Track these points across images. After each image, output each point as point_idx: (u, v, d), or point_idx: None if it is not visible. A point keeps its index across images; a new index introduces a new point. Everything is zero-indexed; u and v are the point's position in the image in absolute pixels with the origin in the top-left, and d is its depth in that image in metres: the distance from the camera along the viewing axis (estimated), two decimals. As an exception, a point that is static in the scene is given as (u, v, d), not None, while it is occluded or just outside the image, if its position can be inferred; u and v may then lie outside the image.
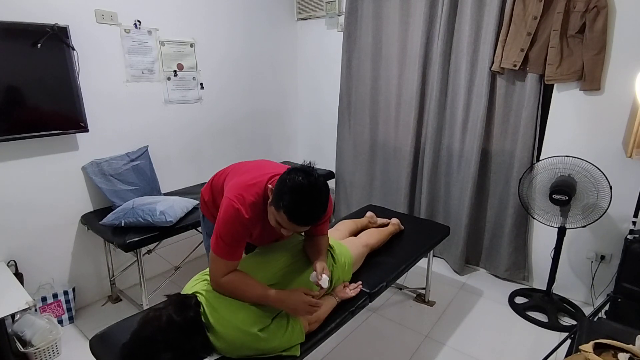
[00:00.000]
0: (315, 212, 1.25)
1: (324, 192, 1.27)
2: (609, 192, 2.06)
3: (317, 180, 1.25)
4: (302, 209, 1.22)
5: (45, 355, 1.99)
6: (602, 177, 2.06)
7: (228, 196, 1.35)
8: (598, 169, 2.06)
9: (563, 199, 2.11)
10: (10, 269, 2.05)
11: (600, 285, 2.42)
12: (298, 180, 1.23)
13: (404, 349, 2.11)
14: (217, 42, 2.97)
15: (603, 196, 2.08)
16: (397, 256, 2.05)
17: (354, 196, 3.43)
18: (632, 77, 2.07)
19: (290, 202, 1.21)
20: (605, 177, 2.05)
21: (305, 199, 1.22)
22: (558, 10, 2.19)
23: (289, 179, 1.24)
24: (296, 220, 1.23)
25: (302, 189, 1.22)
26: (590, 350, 1.14)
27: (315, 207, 1.25)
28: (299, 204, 1.22)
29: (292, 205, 1.22)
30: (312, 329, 1.46)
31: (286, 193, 1.22)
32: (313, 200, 1.24)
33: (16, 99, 2.00)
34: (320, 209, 1.26)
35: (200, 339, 1.25)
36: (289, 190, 1.22)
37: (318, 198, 1.25)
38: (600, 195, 2.09)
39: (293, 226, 1.26)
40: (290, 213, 1.22)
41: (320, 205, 1.26)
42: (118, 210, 2.19)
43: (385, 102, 3.08)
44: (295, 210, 1.22)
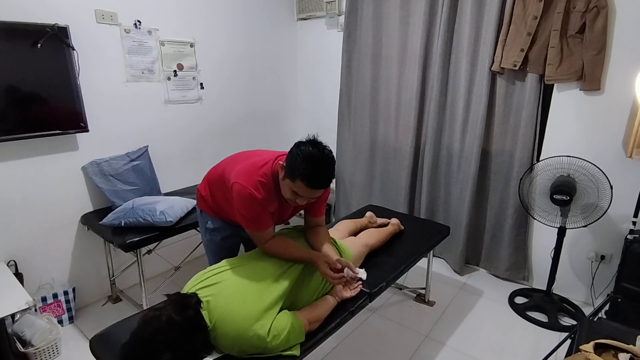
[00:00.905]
0: (328, 176, 1.43)
1: (331, 158, 1.44)
2: (609, 192, 2.06)
3: (325, 148, 1.44)
4: (317, 174, 1.38)
5: (45, 355, 1.99)
6: (602, 177, 2.06)
7: (238, 181, 1.48)
8: (598, 169, 2.06)
9: (564, 199, 2.11)
10: (10, 269, 2.05)
11: (600, 285, 2.42)
12: (309, 150, 1.40)
13: (404, 349, 2.11)
14: (217, 42, 2.97)
15: (603, 196, 2.08)
16: (397, 256, 2.05)
17: (353, 196, 3.43)
18: (632, 77, 2.07)
19: (305, 169, 1.37)
20: (605, 177, 2.05)
21: (318, 164, 1.39)
22: (558, 10, 2.19)
23: (300, 151, 1.40)
24: (313, 184, 1.38)
25: (314, 156, 1.39)
26: (591, 350, 1.14)
27: (329, 170, 1.43)
28: (314, 170, 1.37)
29: (309, 173, 1.37)
30: (312, 328, 1.46)
31: (300, 162, 1.37)
32: (325, 165, 1.41)
33: (16, 99, 2.00)
34: (332, 173, 1.44)
35: (201, 338, 1.25)
36: (302, 159, 1.37)
37: (329, 163, 1.43)
38: (601, 195, 2.09)
39: (310, 192, 1.40)
40: (308, 179, 1.37)
41: (332, 170, 1.44)
42: (118, 210, 2.19)
43: (385, 102, 3.08)
44: (312, 176, 1.37)
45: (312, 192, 1.42)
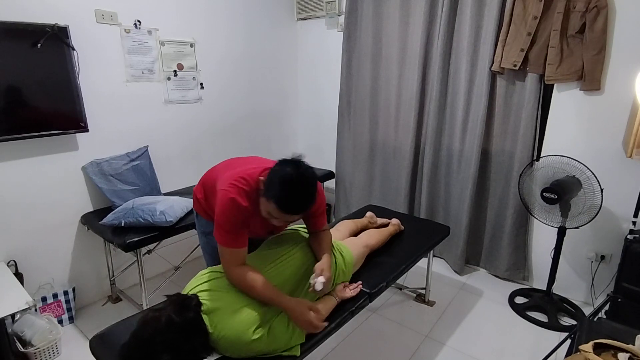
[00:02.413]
0: (303, 202, 1.31)
1: (311, 182, 1.31)
2: (599, 195, 2.06)
3: (306, 171, 1.31)
4: (290, 198, 1.28)
5: (45, 355, 1.99)
6: (593, 179, 2.06)
7: (222, 188, 1.39)
8: (589, 170, 2.07)
9: (552, 198, 2.12)
10: (10, 269, 2.05)
11: (600, 285, 2.42)
12: (287, 171, 1.29)
13: (404, 349, 2.11)
14: (217, 42, 2.97)
15: (592, 197, 2.09)
16: (397, 256, 2.05)
17: (353, 196, 3.43)
18: (632, 77, 2.07)
19: (279, 191, 1.27)
20: (595, 178, 2.05)
21: (293, 188, 1.27)
22: (558, 10, 2.19)
23: (278, 170, 1.30)
24: (285, 209, 1.29)
25: (291, 179, 1.27)
26: (590, 350, 1.14)
27: (303, 196, 1.30)
28: (287, 194, 1.27)
29: (281, 195, 1.27)
30: (312, 329, 1.45)
31: (276, 183, 1.28)
32: (301, 190, 1.29)
33: (16, 99, 2.00)
34: (308, 198, 1.32)
35: (200, 339, 1.25)
36: (278, 180, 1.28)
37: (306, 188, 1.30)
38: (588, 196, 2.10)
39: (283, 215, 1.31)
40: (280, 202, 1.27)
41: (308, 195, 1.31)
42: (118, 210, 2.19)
43: (385, 102, 3.08)
44: (284, 200, 1.28)
45: (284, 216, 1.30)
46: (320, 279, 1.42)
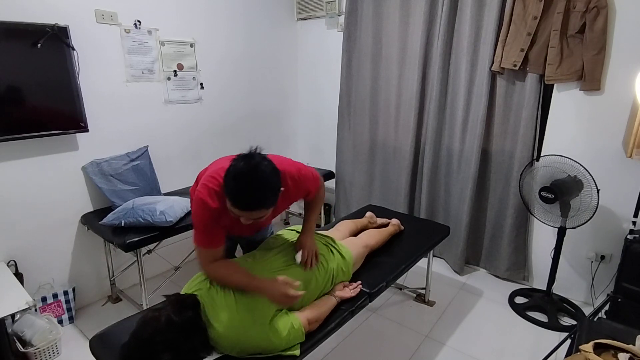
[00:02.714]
0: (256, 196, 1.24)
1: (264, 175, 1.24)
2: (596, 195, 2.06)
3: (258, 164, 1.25)
4: (242, 193, 1.23)
5: (45, 355, 1.99)
6: (590, 178, 2.07)
7: (197, 188, 1.41)
8: (585, 170, 2.07)
9: (549, 197, 2.13)
10: (10, 269, 2.05)
11: (600, 285, 2.42)
12: (239, 166, 1.24)
13: (404, 349, 2.11)
14: (217, 42, 2.97)
15: (591, 198, 2.09)
16: (397, 256, 2.05)
17: (353, 196, 3.43)
18: (632, 77, 2.07)
19: (232, 188, 1.24)
20: (592, 178, 2.06)
21: (244, 183, 1.22)
22: (558, 10, 2.19)
23: (232, 166, 1.25)
24: (239, 205, 1.24)
25: (241, 173, 1.23)
26: (590, 350, 1.14)
27: (255, 190, 1.23)
28: (239, 189, 1.23)
29: (234, 191, 1.24)
30: (312, 329, 1.46)
31: (229, 179, 1.24)
32: (252, 184, 1.22)
33: (16, 99, 2.00)
34: (262, 192, 1.25)
35: (200, 339, 1.25)
36: (231, 177, 1.24)
37: (257, 182, 1.23)
38: (586, 196, 2.10)
39: (241, 212, 1.26)
40: (233, 198, 1.24)
41: (261, 188, 1.24)
42: (118, 210, 2.19)
43: (385, 102, 3.08)
44: (237, 196, 1.24)
45: (242, 213, 1.26)
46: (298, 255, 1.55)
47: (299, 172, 1.50)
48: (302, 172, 1.51)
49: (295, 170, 1.48)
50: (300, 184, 1.50)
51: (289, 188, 1.43)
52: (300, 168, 1.52)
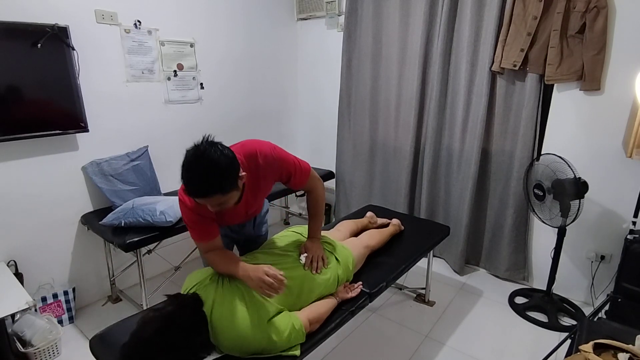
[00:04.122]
0: (204, 183, 1.23)
1: (211, 161, 1.23)
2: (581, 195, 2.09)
3: (205, 151, 1.23)
4: (191, 182, 1.24)
5: (45, 355, 1.99)
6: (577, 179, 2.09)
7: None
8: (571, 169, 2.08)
9: (539, 194, 2.17)
10: (10, 269, 2.06)
11: (600, 285, 2.42)
12: (188, 154, 1.25)
13: (404, 349, 2.11)
14: (217, 42, 2.97)
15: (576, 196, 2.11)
16: (397, 256, 2.05)
17: (353, 196, 3.43)
18: (632, 77, 2.07)
19: (184, 178, 1.25)
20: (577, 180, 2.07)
21: (191, 172, 1.23)
22: (558, 10, 2.19)
23: (184, 157, 1.26)
24: (191, 193, 1.26)
25: (188, 161, 1.23)
26: (590, 350, 1.14)
27: (203, 177, 1.22)
28: (188, 179, 1.24)
29: (185, 181, 1.25)
30: (312, 329, 1.46)
31: (182, 171, 1.25)
32: (198, 171, 1.22)
33: (16, 99, 2.00)
34: (210, 177, 1.23)
35: (200, 339, 1.25)
36: (183, 168, 1.25)
37: (204, 168, 1.22)
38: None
39: (199, 200, 1.28)
40: (186, 189, 1.27)
41: (209, 174, 1.22)
42: (118, 210, 2.19)
43: (385, 102, 3.08)
44: (187, 185, 1.25)
45: (201, 200, 1.27)
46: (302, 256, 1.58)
47: (273, 150, 1.49)
48: (276, 151, 1.50)
49: (268, 150, 1.48)
50: (275, 163, 1.48)
51: (259, 166, 1.44)
52: (276, 148, 1.51)
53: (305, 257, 1.59)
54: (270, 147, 1.50)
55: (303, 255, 1.60)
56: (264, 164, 1.46)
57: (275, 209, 3.80)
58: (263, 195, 1.61)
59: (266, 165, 1.47)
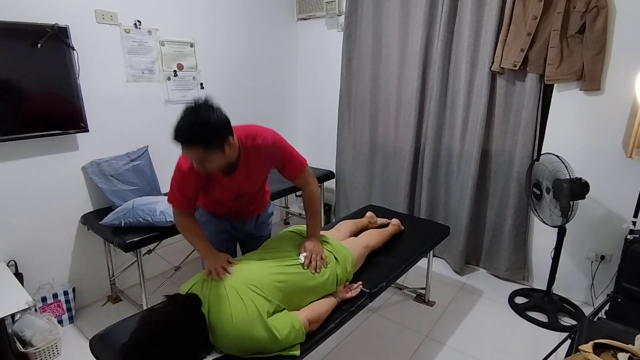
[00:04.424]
0: (187, 128, 1.35)
1: (199, 112, 1.37)
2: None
3: (200, 106, 1.38)
4: (177, 126, 1.37)
5: (45, 355, 1.99)
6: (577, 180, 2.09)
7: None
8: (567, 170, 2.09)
9: (537, 193, 2.18)
10: (10, 269, 2.06)
11: (600, 285, 2.42)
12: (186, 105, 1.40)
13: (404, 349, 2.11)
14: (217, 42, 2.97)
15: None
16: (397, 256, 2.05)
17: (353, 196, 3.43)
18: (632, 77, 2.07)
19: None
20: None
21: (181, 119, 1.37)
22: (558, 10, 2.19)
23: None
24: (175, 136, 1.37)
25: (183, 111, 1.38)
26: (590, 350, 1.14)
27: (187, 124, 1.36)
28: (177, 123, 1.38)
29: (174, 128, 1.38)
30: (312, 329, 1.46)
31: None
32: (187, 119, 1.36)
33: (16, 99, 2.00)
34: (194, 126, 1.35)
35: (200, 339, 1.25)
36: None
37: (190, 117, 1.36)
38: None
39: (183, 151, 1.39)
40: (173, 134, 1.38)
41: (193, 123, 1.35)
42: (118, 210, 2.19)
43: (385, 102, 3.08)
44: (174, 131, 1.38)
45: (183, 150, 1.40)
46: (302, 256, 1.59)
47: (274, 136, 1.60)
48: (277, 137, 1.60)
49: (270, 134, 1.58)
50: (273, 146, 1.57)
51: (257, 147, 1.54)
52: (277, 135, 1.62)
53: (305, 257, 1.59)
54: (272, 133, 1.60)
55: (302, 254, 1.60)
56: (263, 144, 1.55)
57: (275, 209, 3.79)
58: (257, 177, 1.64)
59: (264, 147, 1.55)
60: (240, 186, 1.61)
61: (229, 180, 1.56)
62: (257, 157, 1.57)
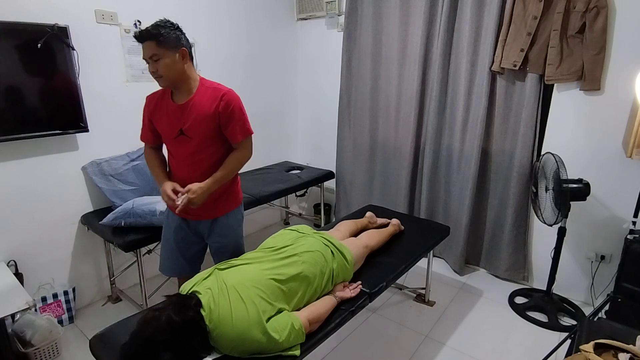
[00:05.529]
0: (149, 28, 1.54)
1: (164, 21, 1.59)
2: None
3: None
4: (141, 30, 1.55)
5: (45, 355, 1.99)
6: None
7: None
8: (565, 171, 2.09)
9: (533, 191, 2.19)
10: (10, 269, 2.05)
11: (600, 285, 2.42)
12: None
13: (404, 349, 2.11)
14: (217, 42, 2.97)
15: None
16: (397, 256, 2.05)
17: (353, 196, 3.43)
18: (632, 77, 2.07)
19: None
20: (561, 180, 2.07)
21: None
22: (558, 10, 2.19)
23: None
24: (136, 34, 1.57)
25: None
26: (591, 350, 1.14)
27: (151, 27, 1.55)
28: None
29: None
30: (312, 329, 1.46)
31: None
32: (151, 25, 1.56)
33: (16, 99, 2.00)
34: (155, 27, 1.55)
35: (200, 339, 1.25)
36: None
37: (155, 23, 1.56)
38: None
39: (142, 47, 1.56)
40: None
41: (156, 26, 1.55)
42: (118, 210, 2.19)
43: (385, 102, 3.08)
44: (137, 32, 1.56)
45: (144, 47, 1.57)
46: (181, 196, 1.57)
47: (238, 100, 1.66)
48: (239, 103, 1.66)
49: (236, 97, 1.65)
50: (230, 103, 1.61)
51: (216, 89, 1.62)
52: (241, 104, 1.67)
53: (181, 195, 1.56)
54: (238, 99, 1.66)
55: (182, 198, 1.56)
56: (221, 90, 1.62)
57: (275, 209, 3.80)
58: (202, 121, 1.60)
59: (221, 92, 1.61)
60: (184, 123, 1.62)
61: (176, 110, 1.63)
62: (211, 98, 1.61)
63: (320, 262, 1.63)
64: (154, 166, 1.77)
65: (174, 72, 1.57)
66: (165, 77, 1.57)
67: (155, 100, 1.72)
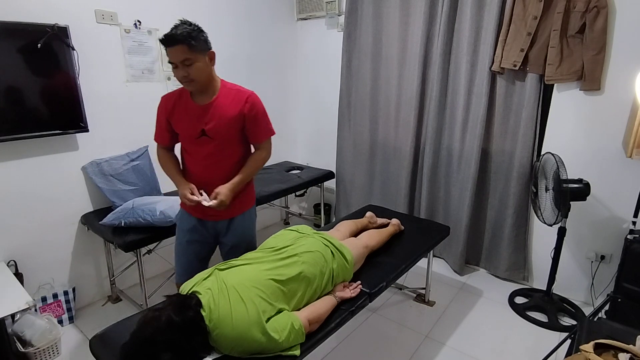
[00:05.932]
0: (174, 29, 1.47)
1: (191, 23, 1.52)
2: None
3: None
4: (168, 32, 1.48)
5: (45, 355, 1.99)
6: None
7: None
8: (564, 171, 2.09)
9: (533, 191, 2.19)
10: (10, 269, 2.05)
11: (600, 285, 2.42)
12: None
13: (404, 349, 2.11)
14: (216, 42, 2.91)
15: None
16: (397, 256, 2.05)
17: (353, 196, 3.43)
18: (632, 77, 2.07)
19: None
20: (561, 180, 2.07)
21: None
22: (558, 10, 2.19)
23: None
24: (162, 39, 1.48)
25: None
26: (591, 350, 1.14)
27: (178, 28, 1.48)
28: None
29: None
30: (312, 329, 1.46)
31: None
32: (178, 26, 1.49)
33: (16, 99, 2.00)
34: (180, 27, 1.48)
35: (200, 339, 1.25)
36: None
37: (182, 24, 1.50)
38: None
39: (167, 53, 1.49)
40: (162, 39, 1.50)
41: (180, 26, 1.49)
42: (118, 210, 2.19)
43: (385, 102, 3.08)
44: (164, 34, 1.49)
45: (170, 51, 1.48)
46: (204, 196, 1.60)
47: (261, 103, 1.71)
48: (259, 99, 1.70)
49: (253, 93, 1.70)
50: (250, 99, 1.65)
51: (239, 91, 1.66)
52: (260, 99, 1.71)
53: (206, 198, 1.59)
54: (260, 100, 1.70)
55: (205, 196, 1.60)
56: (244, 91, 1.66)
57: (275, 209, 3.80)
58: (225, 123, 1.62)
59: (244, 94, 1.65)
60: (207, 124, 1.60)
61: (197, 110, 1.61)
62: (235, 100, 1.62)
63: (320, 262, 1.63)
64: (170, 168, 1.75)
65: (205, 75, 1.56)
66: (196, 81, 1.54)
67: (173, 100, 1.68)
